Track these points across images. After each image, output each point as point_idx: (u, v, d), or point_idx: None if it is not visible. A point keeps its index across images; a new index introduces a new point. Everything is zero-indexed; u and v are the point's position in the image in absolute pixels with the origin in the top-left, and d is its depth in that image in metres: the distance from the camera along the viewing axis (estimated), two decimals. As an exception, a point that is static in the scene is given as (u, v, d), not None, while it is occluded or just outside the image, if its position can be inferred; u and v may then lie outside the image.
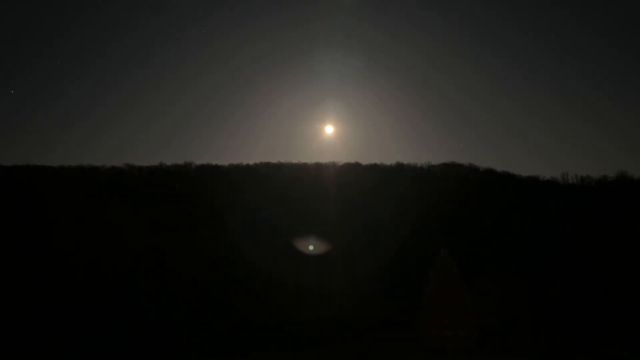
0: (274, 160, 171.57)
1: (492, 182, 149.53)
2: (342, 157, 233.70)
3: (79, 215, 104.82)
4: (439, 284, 58.57)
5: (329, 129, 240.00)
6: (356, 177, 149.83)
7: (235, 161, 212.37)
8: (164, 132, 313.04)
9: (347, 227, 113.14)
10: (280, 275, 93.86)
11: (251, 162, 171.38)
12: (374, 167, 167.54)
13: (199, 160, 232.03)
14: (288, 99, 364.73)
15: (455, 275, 59.59)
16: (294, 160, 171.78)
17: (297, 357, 57.73)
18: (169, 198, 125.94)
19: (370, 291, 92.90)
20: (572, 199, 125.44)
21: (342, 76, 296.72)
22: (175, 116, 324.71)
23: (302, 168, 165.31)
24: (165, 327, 77.40)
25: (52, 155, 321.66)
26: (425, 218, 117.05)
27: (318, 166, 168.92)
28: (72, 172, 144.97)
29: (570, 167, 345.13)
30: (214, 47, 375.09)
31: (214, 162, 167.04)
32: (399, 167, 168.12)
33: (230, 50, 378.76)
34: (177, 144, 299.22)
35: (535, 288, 75.78)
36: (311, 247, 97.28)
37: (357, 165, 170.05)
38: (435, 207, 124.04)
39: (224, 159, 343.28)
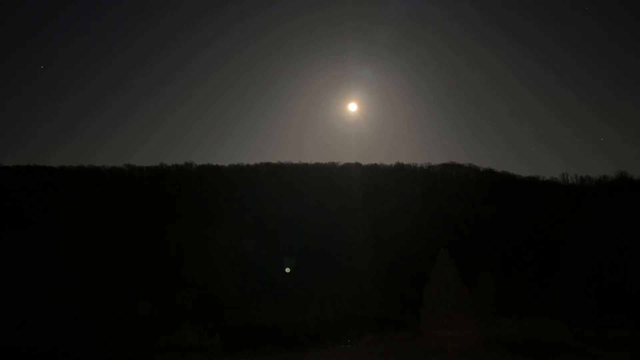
0: (274, 161, 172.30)
1: (492, 182, 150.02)
2: (343, 158, 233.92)
3: (80, 216, 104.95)
4: (439, 283, 58.80)
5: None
6: (356, 177, 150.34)
7: (235, 161, 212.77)
8: (164, 133, 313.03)
9: (348, 228, 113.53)
10: (281, 275, 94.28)
11: (252, 163, 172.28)
12: (373, 167, 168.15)
13: (200, 160, 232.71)
14: (291, 96, 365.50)
15: (456, 275, 59.81)
16: (295, 161, 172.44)
17: (298, 357, 57.94)
18: (170, 198, 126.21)
19: (370, 291, 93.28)
20: (572, 199, 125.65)
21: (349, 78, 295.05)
22: (176, 116, 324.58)
23: (302, 168, 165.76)
24: (166, 327, 77.68)
25: (52, 155, 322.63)
26: (426, 218, 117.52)
27: (318, 166, 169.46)
28: (72, 173, 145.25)
29: (570, 167, 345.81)
30: (213, 47, 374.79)
31: (214, 163, 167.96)
32: (399, 167, 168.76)
33: (230, 50, 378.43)
34: (178, 145, 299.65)
35: (535, 288, 75.89)
36: (287, 270, 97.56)
37: (357, 165, 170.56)
38: (436, 207, 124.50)
39: (225, 159, 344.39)
